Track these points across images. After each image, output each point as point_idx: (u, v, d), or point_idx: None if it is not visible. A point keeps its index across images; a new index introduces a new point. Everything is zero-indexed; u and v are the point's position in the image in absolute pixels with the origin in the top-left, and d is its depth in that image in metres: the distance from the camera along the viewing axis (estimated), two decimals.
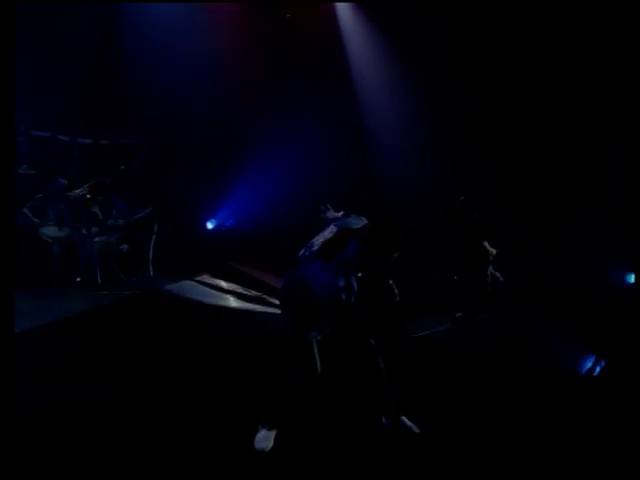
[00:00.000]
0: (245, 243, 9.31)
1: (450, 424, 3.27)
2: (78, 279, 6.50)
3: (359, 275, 2.95)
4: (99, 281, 6.57)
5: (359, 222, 3.01)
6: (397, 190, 9.05)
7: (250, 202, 10.31)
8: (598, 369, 3.89)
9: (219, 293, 6.98)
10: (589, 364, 3.98)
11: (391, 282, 2.88)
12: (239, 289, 7.87)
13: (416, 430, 3.04)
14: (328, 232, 3.02)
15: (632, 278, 6.49)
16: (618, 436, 3.12)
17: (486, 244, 6.28)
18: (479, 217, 6.32)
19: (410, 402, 3.21)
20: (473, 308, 6.52)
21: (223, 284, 7.95)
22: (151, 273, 7.61)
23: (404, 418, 3.10)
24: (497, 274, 6.43)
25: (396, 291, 2.91)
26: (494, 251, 6.33)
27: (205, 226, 11.79)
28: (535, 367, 4.07)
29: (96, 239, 6.85)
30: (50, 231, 6.42)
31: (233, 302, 6.67)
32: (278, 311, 6.59)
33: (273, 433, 2.94)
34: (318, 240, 2.99)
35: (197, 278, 7.80)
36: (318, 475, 2.75)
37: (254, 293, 7.80)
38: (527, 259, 7.79)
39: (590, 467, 2.85)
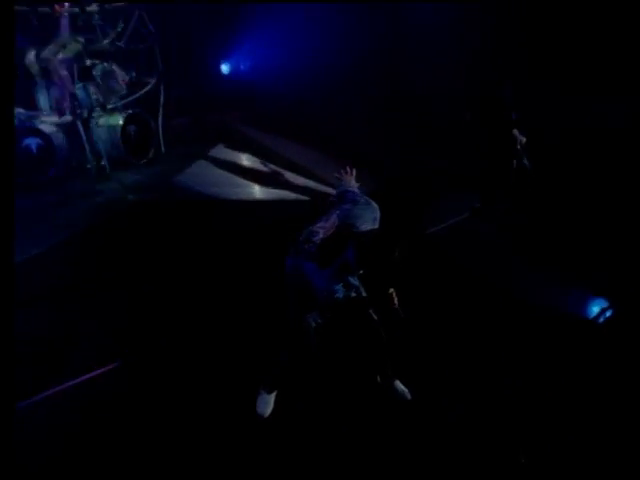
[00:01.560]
0: (258, 104, 8.76)
1: (443, 380, 3.40)
2: (88, 166, 6.36)
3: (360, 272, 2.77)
4: (108, 170, 6.42)
5: (363, 217, 2.72)
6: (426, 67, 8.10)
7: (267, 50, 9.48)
8: (606, 315, 3.82)
9: (233, 176, 6.79)
10: (597, 309, 3.90)
11: (391, 291, 2.68)
12: (254, 162, 7.69)
13: (408, 396, 3.19)
14: (330, 223, 2.76)
15: None
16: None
17: (516, 132, 5.74)
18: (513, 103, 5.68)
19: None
20: (493, 199, 6.28)
21: (237, 157, 7.75)
22: (163, 149, 7.39)
23: (398, 382, 3.24)
24: (525, 162, 6.00)
25: (396, 301, 2.73)
26: (524, 139, 5.81)
27: (220, 70, 11.06)
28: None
29: (100, 122, 6.51)
30: (50, 121, 6.08)
31: (248, 188, 6.52)
32: (291, 195, 6.67)
33: (272, 397, 3.14)
34: (319, 231, 2.73)
35: (210, 153, 7.59)
36: (314, 438, 3.01)
37: (270, 167, 7.64)
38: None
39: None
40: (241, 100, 8.99)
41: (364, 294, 2.81)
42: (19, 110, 5.77)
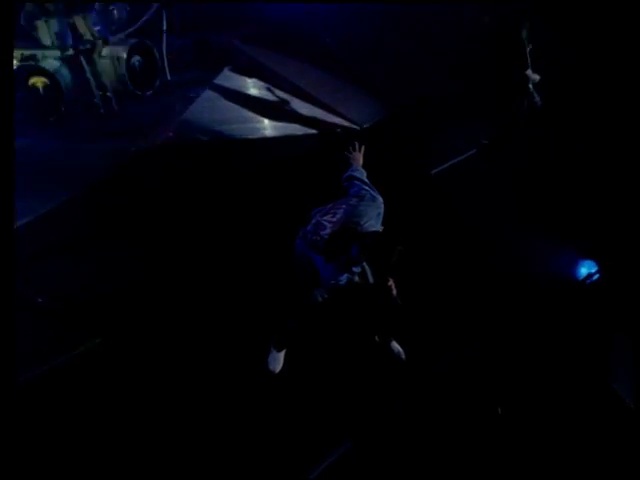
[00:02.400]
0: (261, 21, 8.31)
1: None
2: (95, 100, 6.33)
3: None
4: (114, 105, 6.40)
5: (368, 214, 2.88)
6: None
7: None
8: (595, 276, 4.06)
9: (240, 110, 6.73)
10: (586, 270, 4.13)
11: (390, 282, 2.92)
12: (261, 89, 7.55)
13: (403, 356, 3.59)
14: (337, 218, 2.90)
15: None
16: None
17: (529, 72, 5.60)
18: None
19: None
20: (501, 137, 6.27)
21: (243, 83, 7.60)
22: (168, 77, 7.24)
23: (394, 342, 3.63)
24: (537, 99, 5.89)
25: (395, 292, 2.98)
26: (537, 78, 5.67)
27: None
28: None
29: (104, 53, 6.35)
30: (53, 58, 5.96)
31: (256, 124, 6.50)
32: (299, 129, 6.67)
33: (282, 355, 3.56)
34: (327, 226, 2.91)
35: (216, 80, 7.43)
36: (317, 389, 3.47)
37: (277, 94, 7.52)
38: None
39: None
40: (244, 18, 8.52)
41: (370, 279, 3.07)
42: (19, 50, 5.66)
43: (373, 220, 2.88)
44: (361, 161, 3.40)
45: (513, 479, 3.08)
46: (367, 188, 3.02)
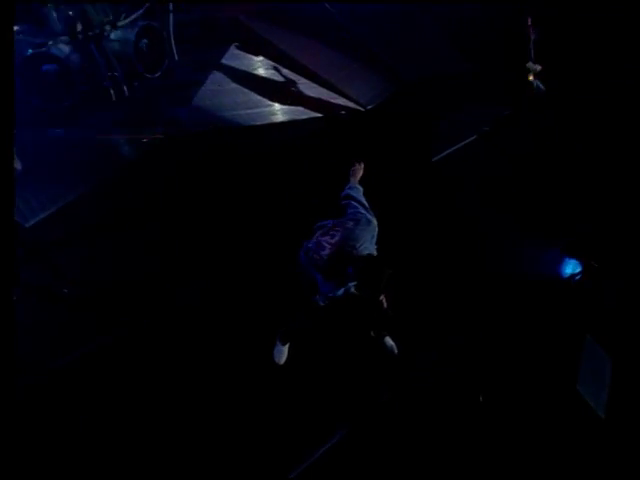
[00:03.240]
0: None
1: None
2: (105, 84, 6.47)
3: None
4: (125, 89, 6.55)
5: (363, 238, 3.13)
6: None
7: None
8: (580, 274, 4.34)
9: (249, 94, 6.86)
10: (571, 268, 4.40)
11: (382, 298, 3.24)
12: (268, 69, 7.63)
13: (396, 350, 3.97)
14: (335, 240, 3.17)
15: None
16: None
17: (530, 64, 5.71)
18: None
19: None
20: (501, 123, 6.42)
21: (251, 63, 7.67)
22: (176, 58, 7.34)
23: (388, 338, 4.00)
24: (541, 86, 6.01)
25: (385, 305, 3.29)
26: (538, 68, 5.79)
27: None
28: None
29: (112, 36, 6.45)
30: (63, 44, 6.07)
31: (264, 109, 6.65)
32: (305, 112, 6.81)
33: (286, 348, 3.95)
34: (326, 247, 3.18)
35: (224, 60, 7.51)
36: (319, 379, 3.87)
37: (284, 74, 7.61)
38: None
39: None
40: None
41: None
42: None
43: (367, 243, 3.16)
44: (359, 175, 3.62)
45: (495, 461, 3.49)
46: (363, 212, 3.28)
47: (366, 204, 3.36)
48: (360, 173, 3.64)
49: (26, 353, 3.44)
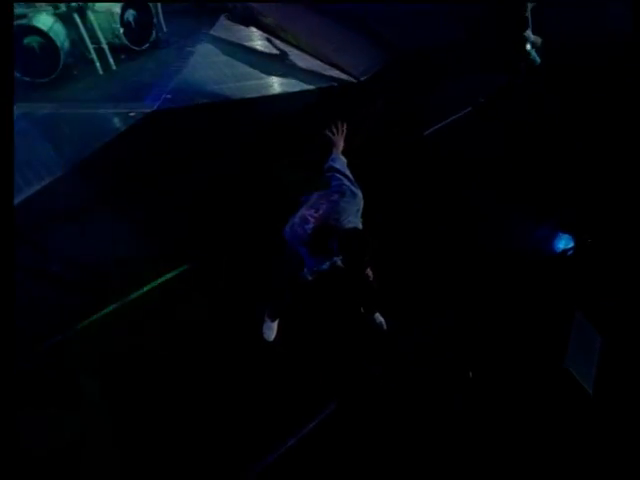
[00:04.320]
0: None
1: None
2: (90, 56, 6.29)
3: None
4: (111, 62, 6.36)
5: (347, 211, 3.04)
6: None
7: None
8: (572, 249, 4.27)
9: (238, 66, 6.67)
10: (564, 243, 4.33)
11: (368, 271, 3.16)
12: (258, 40, 7.44)
13: (384, 327, 3.92)
14: (320, 214, 3.04)
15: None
16: None
17: (528, 32, 5.54)
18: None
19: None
20: (496, 96, 6.28)
21: (241, 35, 7.47)
22: (164, 29, 7.14)
23: (378, 314, 3.95)
24: (537, 59, 5.85)
25: (372, 277, 3.21)
26: (539, 40, 5.63)
27: None
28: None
29: (97, 8, 6.23)
30: (46, 14, 5.87)
31: (253, 82, 6.47)
32: (299, 85, 6.64)
33: (275, 324, 3.91)
34: (310, 220, 3.06)
35: (213, 31, 7.30)
36: (308, 355, 3.85)
37: (275, 45, 7.43)
38: None
39: None
40: None
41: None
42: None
43: (352, 216, 3.07)
44: (342, 145, 3.46)
45: (484, 437, 3.48)
46: (347, 184, 3.16)
47: (350, 176, 3.24)
48: (341, 144, 3.49)
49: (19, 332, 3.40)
